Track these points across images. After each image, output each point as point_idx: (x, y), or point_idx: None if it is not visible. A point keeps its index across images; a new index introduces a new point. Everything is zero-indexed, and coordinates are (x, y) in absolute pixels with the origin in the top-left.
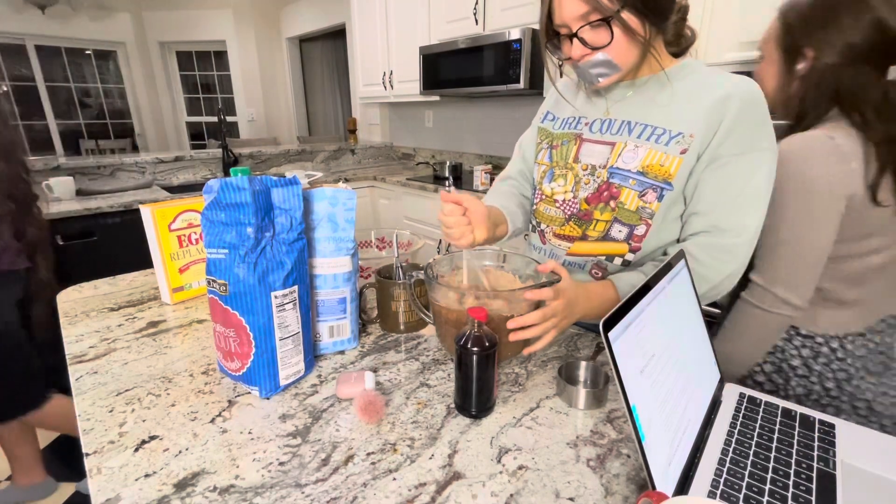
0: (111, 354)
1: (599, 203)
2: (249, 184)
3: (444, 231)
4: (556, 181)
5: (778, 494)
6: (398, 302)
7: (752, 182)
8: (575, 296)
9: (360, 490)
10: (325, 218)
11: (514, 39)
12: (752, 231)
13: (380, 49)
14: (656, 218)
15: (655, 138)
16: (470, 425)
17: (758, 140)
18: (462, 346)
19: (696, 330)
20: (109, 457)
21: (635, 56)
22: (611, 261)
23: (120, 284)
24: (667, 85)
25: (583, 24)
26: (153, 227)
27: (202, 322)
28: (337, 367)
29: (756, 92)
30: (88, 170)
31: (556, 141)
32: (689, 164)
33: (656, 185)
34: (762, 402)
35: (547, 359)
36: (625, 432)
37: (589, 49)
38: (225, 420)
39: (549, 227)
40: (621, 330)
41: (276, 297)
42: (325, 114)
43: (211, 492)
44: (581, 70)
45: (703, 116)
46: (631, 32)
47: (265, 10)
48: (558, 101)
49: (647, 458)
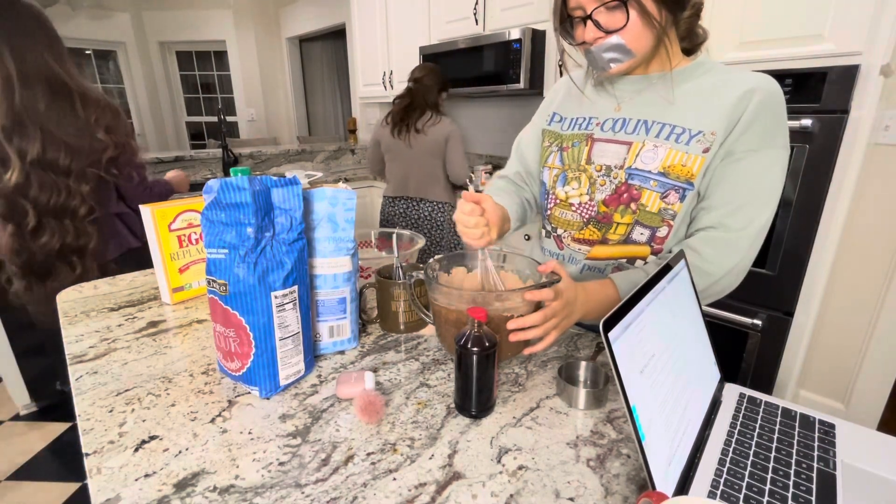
0: (111, 354)
1: (619, 205)
2: (249, 184)
3: (462, 230)
4: (570, 184)
5: (778, 494)
6: (398, 302)
7: (765, 180)
8: (575, 296)
9: (360, 490)
10: (325, 218)
11: (514, 39)
12: (757, 227)
13: (380, 49)
14: (678, 218)
15: (675, 137)
16: (470, 425)
17: (774, 138)
18: (462, 346)
19: (696, 330)
20: (109, 457)
21: (649, 43)
22: (632, 263)
23: (120, 284)
24: (683, 82)
25: (598, 5)
26: (153, 227)
27: (202, 322)
28: (337, 367)
29: (778, 89)
30: None
31: (565, 143)
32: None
33: (678, 185)
34: (762, 402)
35: (547, 359)
36: (625, 432)
37: (603, 32)
38: (225, 420)
39: (566, 231)
40: (621, 330)
41: (276, 297)
42: (325, 114)
43: (211, 492)
44: (593, 55)
45: (725, 113)
46: (647, 16)
47: (265, 10)
48: (564, 102)
49: (647, 458)
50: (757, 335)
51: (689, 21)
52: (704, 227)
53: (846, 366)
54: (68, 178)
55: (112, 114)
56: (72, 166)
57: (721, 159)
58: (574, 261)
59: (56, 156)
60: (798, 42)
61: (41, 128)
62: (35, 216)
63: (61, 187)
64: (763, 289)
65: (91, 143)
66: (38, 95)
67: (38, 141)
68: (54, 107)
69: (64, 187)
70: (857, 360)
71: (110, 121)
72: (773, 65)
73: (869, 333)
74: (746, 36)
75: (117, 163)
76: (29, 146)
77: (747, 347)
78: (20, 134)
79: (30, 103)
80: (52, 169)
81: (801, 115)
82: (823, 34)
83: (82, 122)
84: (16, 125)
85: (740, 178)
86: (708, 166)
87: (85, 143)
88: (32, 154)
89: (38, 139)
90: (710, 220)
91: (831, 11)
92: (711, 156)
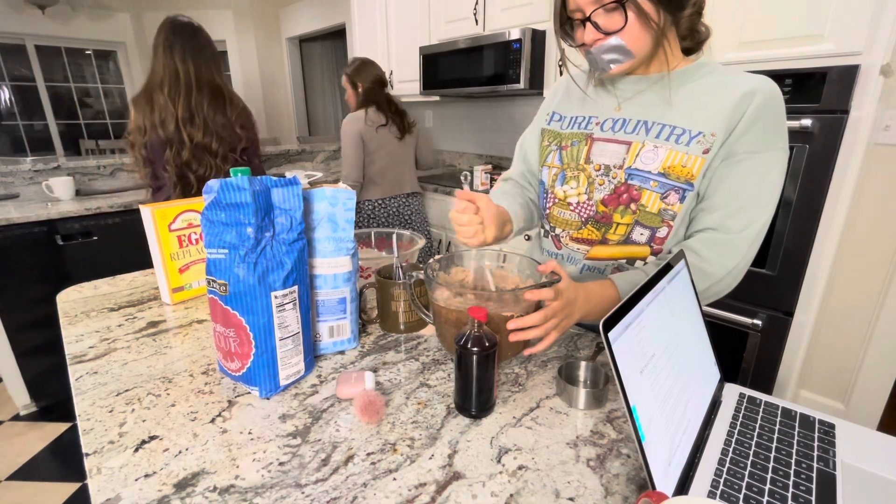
0: (111, 354)
1: (619, 206)
2: (249, 184)
3: (457, 229)
4: (569, 183)
5: (778, 494)
6: (398, 302)
7: (765, 182)
8: (575, 296)
9: (360, 490)
10: (325, 218)
11: (514, 39)
12: (757, 229)
13: (380, 49)
14: (677, 219)
15: (675, 138)
16: (470, 425)
17: (774, 140)
18: (462, 346)
19: (696, 330)
20: (109, 457)
21: (648, 43)
22: (632, 264)
23: (120, 284)
24: (683, 83)
25: (597, 7)
26: (153, 227)
27: (202, 322)
28: (337, 367)
29: (778, 92)
30: (88, 170)
31: (564, 142)
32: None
33: (679, 186)
34: (762, 402)
35: (547, 359)
36: (625, 432)
37: (602, 34)
38: (225, 420)
39: (564, 231)
40: (621, 330)
41: (276, 297)
42: (325, 114)
43: (211, 492)
44: (593, 56)
45: (726, 115)
46: (644, 17)
47: (265, 10)
48: (564, 100)
49: (647, 458)
50: (757, 335)
51: (690, 19)
52: (704, 229)
53: (846, 366)
54: (216, 158)
55: (247, 115)
56: (219, 151)
57: (721, 160)
58: (572, 260)
59: (210, 141)
60: (798, 42)
61: (204, 120)
62: (196, 184)
63: (212, 165)
64: (763, 289)
65: (231, 135)
66: (204, 97)
67: (201, 130)
68: (213, 106)
69: (213, 165)
70: (857, 360)
71: (245, 120)
72: (773, 65)
73: (869, 333)
74: (746, 36)
75: (247, 151)
76: (196, 133)
77: (747, 347)
78: (191, 123)
79: (198, 102)
80: (208, 151)
81: (801, 115)
82: (823, 34)
83: (228, 119)
84: (189, 117)
85: (740, 180)
86: (708, 167)
87: (228, 135)
88: (197, 139)
89: (201, 128)
90: (709, 221)
91: (831, 11)
92: (711, 157)
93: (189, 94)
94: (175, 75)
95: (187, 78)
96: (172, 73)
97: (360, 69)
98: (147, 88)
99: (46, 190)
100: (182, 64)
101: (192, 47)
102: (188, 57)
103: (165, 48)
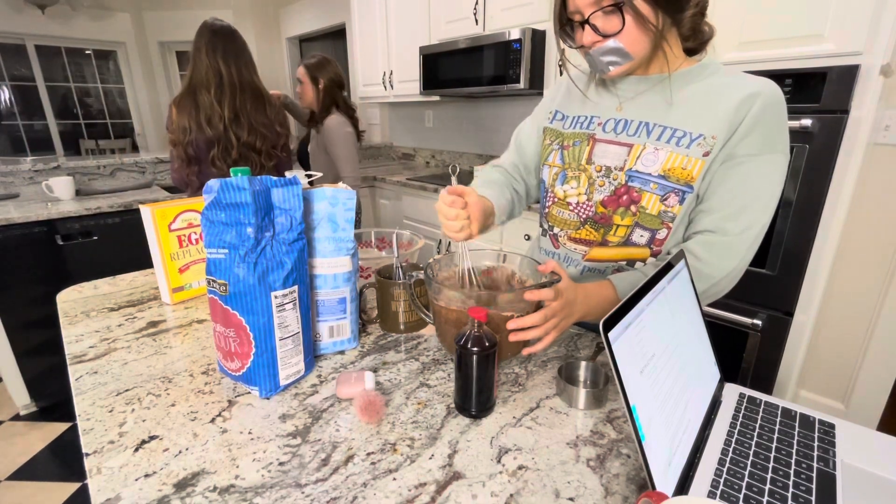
0: (111, 354)
1: (619, 207)
2: (249, 184)
3: (444, 222)
4: (569, 183)
5: (778, 494)
6: (398, 302)
7: (765, 184)
8: (574, 296)
9: (360, 490)
10: (325, 218)
11: (514, 39)
12: (756, 231)
13: (380, 49)
14: (677, 220)
15: (676, 140)
16: (470, 425)
17: (775, 143)
18: (462, 346)
19: (696, 330)
20: (109, 457)
21: (646, 46)
22: (631, 266)
23: (120, 284)
24: (686, 84)
25: (595, 9)
26: (153, 227)
27: (202, 322)
28: (337, 367)
29: (780, 95)
30: (88, 170)
31: (566, 141)
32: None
33: (678, 188)
34: (762, 402)
35: (547, 359)
36: (625, 432)
37: (600, 36)
38: (225, 420)
39: (563, 230)
40: (621, 330)
41: (276, 297)
42: None
43: (211, 492)
44: (592, 58)
45: (727, 117)
46: (642, 20)
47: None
48: (565, 99)
49: (647, 458)
50: (757, 335)
51: (693, 20)
52: (703, 231)
53: (846, 366)
54: (260, 156)
55: (284, 114)
56: (262, 148)
57: (721, 163)
58: (570, 260)
59: (254, 140)
60: (798, 42)
61: (248, 120)
62: None
63: (256, 162)
64: (763, 289)
65: (273, 133)
66: (247, 98)
67: (246, 129)
68: (255, 106)
69: (258, 163)
70: (857, 360)
71: (283, 119)
72: (773, 65)
73: (869, 333)
74: (746, 36)
75: (285, 147)
76: (242, 133)
77: (747, 347)
78: (237, 124)
79: (242, 103)
80: (253, 149)
81: (801, 115)
82: (823, 34)
83: (269, 118)
84: (234, 117)
85: (740, 183)
86: (708, 169)
87: (270, 133)
88: (243, 138)
89: (246, 128)
90: (709, 223)
91: (831, 11)
92: (711, 159)
93: (234, 96)
94: (219, 77)
95: (231, 79)
96: (216, 74)
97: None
98: (189, 89)
99: (46, 190)
100: (225, 66)
101: (234, 50)
102: (230, 59)
103: (209, 50)
